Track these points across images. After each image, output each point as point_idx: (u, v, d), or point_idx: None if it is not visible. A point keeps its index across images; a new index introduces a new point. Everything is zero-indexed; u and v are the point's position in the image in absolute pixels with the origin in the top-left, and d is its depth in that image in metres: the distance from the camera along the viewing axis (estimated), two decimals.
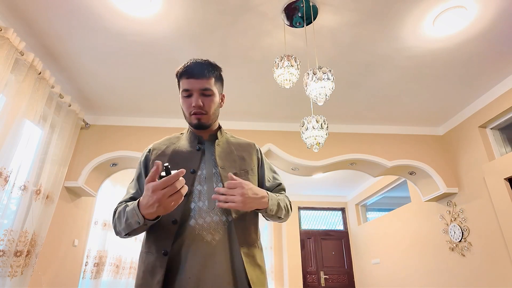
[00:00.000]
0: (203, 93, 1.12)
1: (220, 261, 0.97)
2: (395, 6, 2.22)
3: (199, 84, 1.11)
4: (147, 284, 0.96)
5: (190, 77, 1.11)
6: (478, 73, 2.92)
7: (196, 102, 1.11)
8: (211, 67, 1.15)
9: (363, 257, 5.84)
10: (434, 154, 3.74)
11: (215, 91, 1.16)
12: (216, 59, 2.74)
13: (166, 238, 1.00)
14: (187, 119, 1.17)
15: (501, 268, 2.95)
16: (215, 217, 1.03)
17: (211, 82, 1.14)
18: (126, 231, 1.00)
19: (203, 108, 1.12)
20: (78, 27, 2.40)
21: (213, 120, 1.18)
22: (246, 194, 0.99)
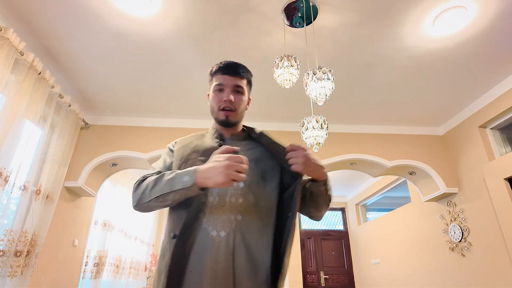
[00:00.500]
0: (235, 89, 1.18)
1: (221, 258, 0.97)
2: (395, 6, 2.22)
3: (233, 81, 1.18)
4: (159, 267, 1.01)
5: (225, 73, 1.18)
6: (478, 73, 2.92)
7: (228, 96, 1.15)
8: (245, 69, 1.22)
9: (363, 257, 5.84)
10: (434, 154, 3.74)
11: (246, 91, 1.21)
12: (216, 59, 2.74)
13: (176, 222, 1.03)
14: (214, 115, 1.20)
15: (501, 268, 2.95)
16: (223, 214, 1.03)
17: (244, 82, 1.20)
18: (163, 191, 0.99)
19: (232, 104, 1.16)
20: (78, 27, 2.40)
21: (239, 119, 1.21)
22: (308, 156, 1.01)
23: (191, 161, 1.12)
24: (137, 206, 1.07)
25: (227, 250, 0.98)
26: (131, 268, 4.89)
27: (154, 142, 3.55)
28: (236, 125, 1.22)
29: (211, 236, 1.00)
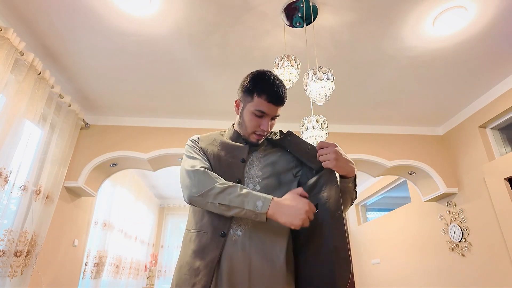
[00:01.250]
0: (273, 117, 1.18)
1: (237, 257, 0.99)
2: (395, 6, 2.22)
3: (275, 111, 1.16)
4: (195, 264, 0.99)
5: (272, 103, 1.13)
6: (478, 73, 2.92)
7: (267, 127, 1.15)
8: (286, 98, 1.18)
9: (363, 257, 5.84)
10: (434, 154, 3.74)
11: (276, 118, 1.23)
12: (216, 59, 2.74)
13: (225, 220, 1.04)
14: (243, 131, 1.20)
15: (501, 268, 2.95)
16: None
17: (279, 110, 1.19)
18: (227, 202, 0.98)
19: (268, 131, 1.18)
20: (78, 27, 2.40)
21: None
22: (339, 153, 1.03)
23: (223, 159, 1.15)
24: (191, 198, 1.04)
25: (242, 249, 1.00)
26: (131, 268, 4.89)
27: (154, 142, 3.55)
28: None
29: (228, 235, 1.02)
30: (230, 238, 1.01)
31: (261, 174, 1.15)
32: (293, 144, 1.21)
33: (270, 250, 1.02)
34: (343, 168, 1.05)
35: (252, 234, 1.03)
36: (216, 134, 1.29)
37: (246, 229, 1.03)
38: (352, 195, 1.13)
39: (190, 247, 1.04)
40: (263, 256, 1.01)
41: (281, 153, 1.23)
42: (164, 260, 6.29)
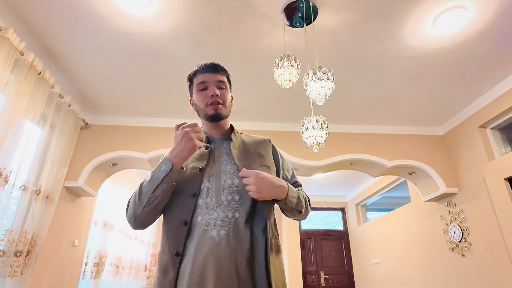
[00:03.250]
0: (218, 85, 1.18)
1: (223, 256, 0.97)
2: (395, 6, 2.22)
3: (215, 77, 1.18)
4: (161, 283, 1.00)
5: (206, 71, 1.19)
6: (478, 73, 2.92)
7: (213, 91, 1.15)
8: (223, 67, 1.24)
9: (363, 257, 5.84)
10: (434, 154, 3.74)
11: (227, 87, 1.23)
12: (216, 59, 2.74)
13: (178, 239, 1.03)
14: (202, 113, 1.20)
15: (501, 268, 2.95)
16: (221, 213, 1.03)
17: (224, 78, 1.22)
18: (150, 190, 1.01)
19: (220, 98, 1.17)
20: (78, 26, 2.40)
21: (227, 113, 1.22)
22: (260, 182, 1.01)
23: (188, 170, 1.12)
24: (135, 223, 1.06)
25: (228, 248, 0.98)
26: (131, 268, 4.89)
27: (154, 142, 3.55)
28: (225, 119, 1.23)
29: (211, 237, 1.00)
30: (214, 240, 1.00)
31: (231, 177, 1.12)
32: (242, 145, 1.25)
33: (256, 247, 1.03)
34: (269, 195, 1.03)
35: (236, 233, 1.02)
36: None
37: (229, 227, 1.02)
38: (300, 208, 1.13)
39: (157, 268, 1.06)
40: (249, 254, 1.01)
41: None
42: None
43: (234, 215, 1.04)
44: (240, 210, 1.05)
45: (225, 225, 1.02)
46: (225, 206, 1.05)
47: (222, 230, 1.01)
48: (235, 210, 1.05)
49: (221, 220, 1.03)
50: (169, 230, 1.06)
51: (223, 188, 1.07)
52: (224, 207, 1.04)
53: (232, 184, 1.09)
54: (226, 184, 1.08)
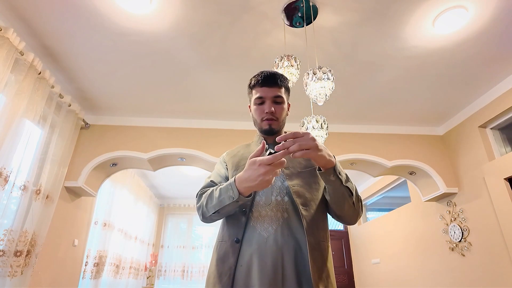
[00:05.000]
0: (275, 100, 1.21)
1: (269, 254, 1.01)
2: (395, 6, 2.22)
3: (272, 92, 1.20)
4: (219, 271, 1.05)
5: (264, 85, 1.21)
6: (478, 73, 2.92)
7: (269, 108, 1.19)
8: (282, 77, 1.24)
9: (363, 257, 5.84)
10: (434, 154, 3.74)
11: (284, 100, 1.24)
12: (215, 59, 2.74)
13: (238, 227, 1.09)
14: (257, 125, 1.26)
15: (501, 268, 2.95)
16: (270, 212, 1.08)
17: (282, 91, 1.23)
18: (216, 208, 1.07)
19: (274, 114, 1.20)
20: (78, 27, 2.40)
21: (282, 126, 1.26)
22: (316, 140, 0.98)
23: (241, 167, 1.19)
24: (204, 219, 1.16)
25: (275, 245, 1.03)
26: (131, 268, 4.89)
27: (154, 142, 3.55)
28: (279, 132, 1.26)
29: (259, 233, 1.06)
30: (262, 236, 1.05)
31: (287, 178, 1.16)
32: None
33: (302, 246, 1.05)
34: (323, 157, 0.99)
35: (284, 231, 1.05)
36: (243, 146, 1.36)
37: (278, 226, 1.06)
38: (342, 191, 1.06)
39: (214, 257, 1.11)
40: (296, 252, 1.03)
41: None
42: (164, 260, 6.29)
43: (283, 215, 1.08)
44: (289, 211, 1.09)
45: (273, 223, 1.07)
46: (274, 206, 1.09)
47: (270, 228, 1.06)
48: (284, 211, 1.09)
49: (270, 218, 1.07)
50: (229, 219, 1.13)
51: (272, 189, 1.13)
52: (273, 207, 1.09)
53: (281, 186, 1.13)
54: (276, 185, 1.14)
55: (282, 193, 1.12)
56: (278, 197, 1.11)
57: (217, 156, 3.53)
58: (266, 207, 1.10)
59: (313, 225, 1.08)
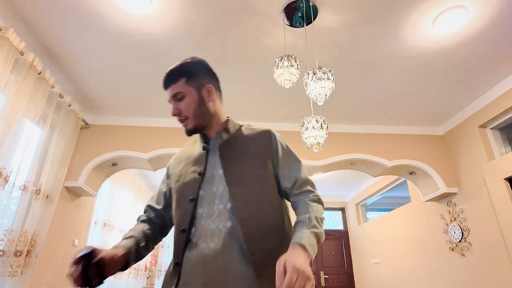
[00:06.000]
0: (176, 99, 1.08)
1: (211, 272, 0.91)
2: (395, 6, 2.22)
3: (170, 92, 1.09)
4: None
5: (164, 88, 1.11)
6: (478, 73, 2.92)
7: (172, 110, 1.08)
8: (179, 68, 1.10)
9: (363, 257, 5.84)
10: (434, 154, 3.74)
11: (188, 91, 1.08)
12: (216, 59, 2.74)
13: (178, 248, 0.99)
14: None
15: (501, 268, 2.95)
16: (212, 224, 0.96)
17: (181, 84, 1.08)
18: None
19: (181, 114, 1.07)
20: (79, 27, 2.40)
21: (203, 119, 1.09)
22: (303, 280, 0.75)
23: (184, 175, 1.08)
24: None
25: (215, 264, 0.91)
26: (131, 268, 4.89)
27: (154, 142, 3.55)
28: (205, 127, 1.11)
29: (200, 251, 0.95)
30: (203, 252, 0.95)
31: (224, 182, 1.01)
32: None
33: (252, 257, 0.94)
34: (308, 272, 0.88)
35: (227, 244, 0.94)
36: (190, 143, 1.21)
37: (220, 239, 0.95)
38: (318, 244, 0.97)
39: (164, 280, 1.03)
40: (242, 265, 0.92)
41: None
42: (164, 260, 6.28)
43: (226, 224, 0.95)
44: (233, 218, 0.95)
45: (215, 237, 0.94)
46: (216, 217, 0.97)
47: (212, 243, 0.94)
48: (227, 220, 0.96)
49: (212, 232, 0.95)
50: (174, 238, 1.03)
51: (214, 197, 0.99)
52: (215, 218, 0.97)
53: (224, 191, 0.99)
54: (218, 191, 1.00)
55: (225, 199, 0.98)
56: (220, 205, 0.98)
57: None
58: (208, 219, 0.97)
59: (260, 234, 0.94)
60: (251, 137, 1.11)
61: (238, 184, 0.99)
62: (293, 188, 1.06)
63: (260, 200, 0.98)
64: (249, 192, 0.98)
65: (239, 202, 0.96)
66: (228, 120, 1.15)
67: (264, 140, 1.10)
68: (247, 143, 1.09)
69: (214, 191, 1.01)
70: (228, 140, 1.09)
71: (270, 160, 1.06)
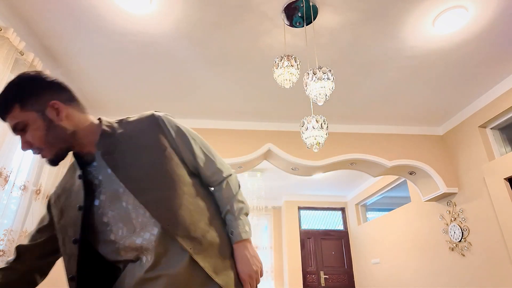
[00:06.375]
0: (19, 130, 0.88)
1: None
2: (395, 6, 2.22)
3: (9, 124, 0.88)
4: None
5: (2, 120, 0.90)
6: (478, 73, 2.92)
7: (21, 145, 0.88)
8: (6, 94, 0.85)
9: (363, 257, 5.84)
10: (434, 154, 3.74)
11: (29, 118, 0.86)
12: (216, 59, 2.74)
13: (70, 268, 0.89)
14: None
15: (501, 268, 2.95)
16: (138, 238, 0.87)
17: (16, 113, 0.85)
18: None
19: (32, 146, 0.88)
20: (78, 27, 2.40)
21: (61, 143, 0.89)
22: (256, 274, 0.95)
23: (67, 211, 0.91)
24: None
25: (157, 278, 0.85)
26: None
27: None
28: (74, 145, 0.92)
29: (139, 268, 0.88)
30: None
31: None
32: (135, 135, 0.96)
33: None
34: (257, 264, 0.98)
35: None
36: (70, 167, 1.01)
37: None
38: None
39: None
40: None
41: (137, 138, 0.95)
42: None
43: (153, 232, 0.86)
44: (157, 224, 0.87)
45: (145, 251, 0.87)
46: (140, 230, 0.87)
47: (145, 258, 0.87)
48: (152, 227, 0.86)
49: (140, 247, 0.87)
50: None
51: (128, 212, 0.87)
52: (139, 231, 0.87)
53: (135, 201, 0.87)
54: (130, 204, 0.88)
55: (142, 210, 0.89)
56: (139, 218, 0.89)
57: None
58: (132, 236, 0.90)
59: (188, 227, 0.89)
60: (136, 130, 0.95)
61: (146, 188, 0.88)
62: (200, 170, 1.00)
63: (175, 195, 0.89)
64: (161, 192, 0.88)
65: (155, 206, 0.86)
66: (100, 124, 0.94)
67: (152, 128, 0.95)
68: (134, 139, 0.93)
69: (124, 206, 0.88)
70: (112, 147, 0.91)
71: (168, 147, 0.94)
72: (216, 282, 0.86)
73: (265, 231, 6.66)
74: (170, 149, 0.94)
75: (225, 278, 0.89)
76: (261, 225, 6.68)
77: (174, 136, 0.96)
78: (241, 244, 0.95)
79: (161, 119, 0.96)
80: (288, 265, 5.99)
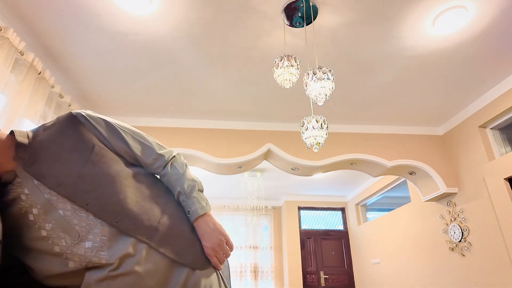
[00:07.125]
0: None
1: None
2: (395, 6, 2.22)
3: None
4: None
5: None
6: (478, 73, 2.92)
7: None
8: None
9: (363, 257, 5.84)
10: (434, 154, 3.74)
11: None
12: (216, 59, 2.74)
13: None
14: None
15: (501, 268, 2.95)
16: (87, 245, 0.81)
17: None
18: None
19: None
20: (78, 26, 2.40)
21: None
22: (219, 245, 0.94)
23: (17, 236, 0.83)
24: None
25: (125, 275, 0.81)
26: None
27: None
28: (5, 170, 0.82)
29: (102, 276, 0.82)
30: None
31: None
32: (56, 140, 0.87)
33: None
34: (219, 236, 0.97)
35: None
36: None
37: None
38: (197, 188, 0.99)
39: None
40: None
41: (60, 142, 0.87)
42: None
43: (102, 236, 0.81)
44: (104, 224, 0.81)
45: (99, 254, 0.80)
46: (85, 236, 0.80)
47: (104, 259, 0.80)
48: (100, 229, 0.81)
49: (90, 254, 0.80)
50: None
51: (68, 220, 0.80)
52: (84, 237, 0.80)
53: (74, 207, 0.81)
54: (68, 211, 0.81)
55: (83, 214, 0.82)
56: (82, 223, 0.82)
57: (217, 156, 3.53)
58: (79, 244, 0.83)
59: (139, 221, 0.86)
60: (57, 133, 0.87)
61: (82, 190, 0.82)
62: (139, 160, 0.96)
63: (116, 190, 0.84)
64: (101, 190, 0.83)
65: (97, 206, 0.82)
66: (14, 137, 0.84)
67: (73, 128, 0.88)
68: (57, 143, 0.85)
69: (62, 214, 0.80)
70: (32, 157, 0.83)
71: (97, 143, 0.89)
72: (181, 263, 0.86)
73: (265, 231, 6.66)
74: (100, 145, 0.89)
75: (189, 257, 0.88)
76: (261, 225, 6.68)
77: (101, 130, 0.90)
78: (201, 219, 0.94)
79: (82, 116, 0.89)
80: (288, 265, 5.99)
